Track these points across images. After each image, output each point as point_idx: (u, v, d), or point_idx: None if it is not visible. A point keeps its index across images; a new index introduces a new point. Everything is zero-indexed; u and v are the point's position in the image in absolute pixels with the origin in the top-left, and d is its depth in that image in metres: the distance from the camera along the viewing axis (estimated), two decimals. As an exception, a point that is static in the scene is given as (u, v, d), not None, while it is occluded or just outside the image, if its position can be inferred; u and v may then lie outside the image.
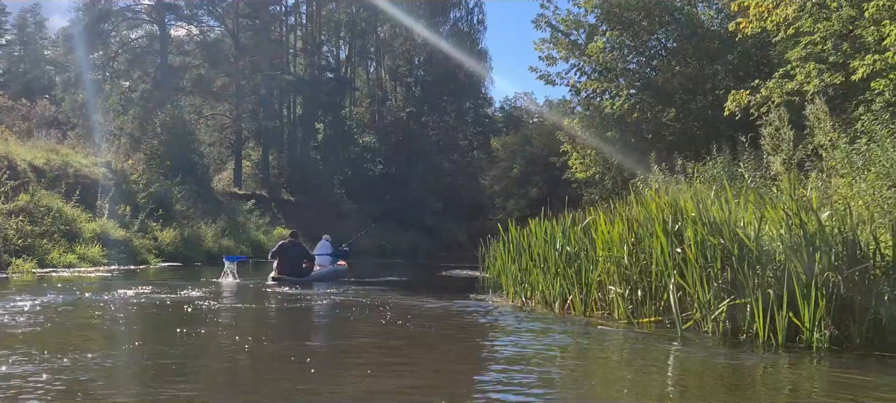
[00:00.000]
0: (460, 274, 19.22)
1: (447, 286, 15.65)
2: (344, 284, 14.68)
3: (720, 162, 14.26)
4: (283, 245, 14.48)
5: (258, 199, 37.78)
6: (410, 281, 16.66)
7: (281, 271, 13.88)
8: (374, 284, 14.99)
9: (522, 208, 34.74)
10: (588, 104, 20.42)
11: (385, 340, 6.73)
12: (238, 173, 43.12)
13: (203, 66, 42.46)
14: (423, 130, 54.68)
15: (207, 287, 12.57)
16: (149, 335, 6.86)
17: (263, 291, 12.33)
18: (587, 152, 19.42)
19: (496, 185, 37.00)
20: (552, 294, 9.02)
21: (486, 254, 18.35)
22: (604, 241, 8.12)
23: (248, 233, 29.18)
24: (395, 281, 16.70)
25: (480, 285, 14.94)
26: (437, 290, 13.75)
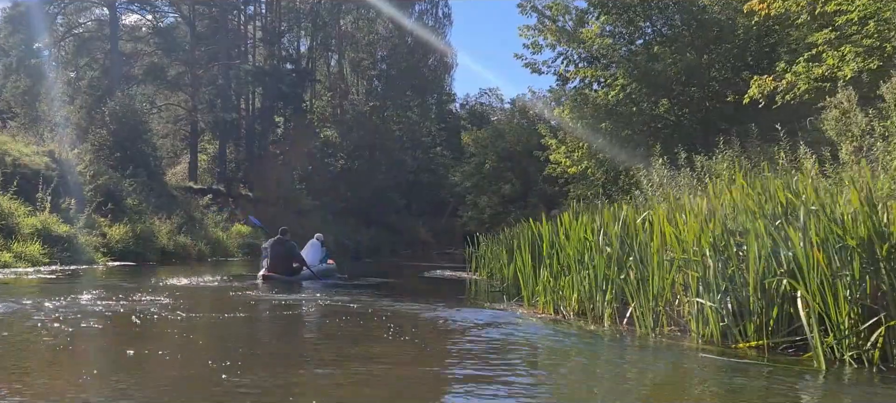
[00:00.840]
0: (444, 274, 17.51)
1: (441, 290, 13.95)
2: (332, 287, 12.95)
3: (729, 154, 12.97)
4: (273, 243, 13.72)
5: (215, 194, 35.53)
6: (397, 284, 14.96)
7: (271, 270, 13.14)
8: (360, 287, 13.26)
9: (495, 205, 33.21)
10: (578, 94, 18.93)
11: (416, 369, 5.02)
12: (193, 167, 40.72)
13: (156, 53, 39.93)
14: (385, 125, 52.78)
15: (164, 291, 10.69)
16: (98, 358, 5.08)
17: (239, 296, 10.48)
18: (578, 145, 17.94)
19: (467, 181, 35.33)
20: (599, 305, 7.38)
21: (473, 254, 16.73)
22: (671, 240, 6.50)
23: (206, 230, 27.04)
24: (381, 282, 14.93)
25: (476, 289, 13.24)
26: (435, 295, 12.05)
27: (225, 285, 12.87)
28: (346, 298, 10.33)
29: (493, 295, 11.26)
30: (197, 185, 38.12)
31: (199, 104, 40.31)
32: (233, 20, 45.22)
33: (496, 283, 13.64)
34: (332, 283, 14.16)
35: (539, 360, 5.82)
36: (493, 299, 10.95)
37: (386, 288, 13.30)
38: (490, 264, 14.95)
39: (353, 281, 14.74)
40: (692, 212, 6.44)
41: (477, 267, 16.45)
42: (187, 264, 21.50)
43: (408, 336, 6.58)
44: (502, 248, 14.48)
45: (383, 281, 15.14)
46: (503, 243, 14.75)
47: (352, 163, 50.57)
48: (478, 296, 11.83)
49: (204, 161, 44.09)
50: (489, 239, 15.78)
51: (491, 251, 15.21)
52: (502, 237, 15.53)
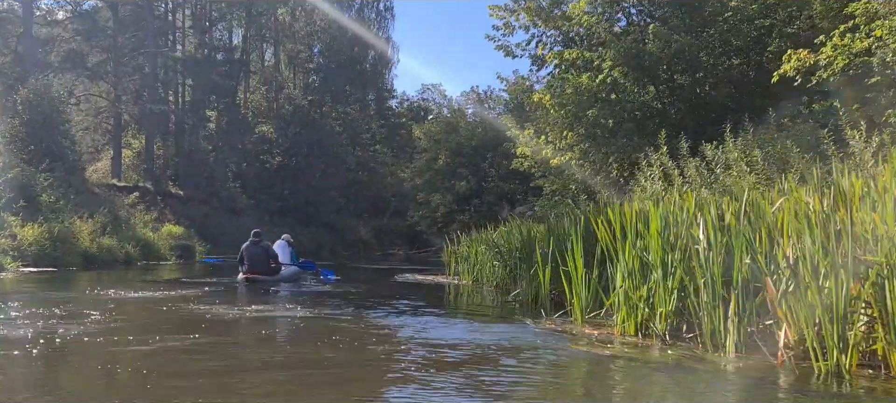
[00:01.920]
0: (416, 278, 15.32)
1: (430, 298, 11.73)
2: (306, 295, 10.84)
3: (740, 143, 11.40)
4: (248, 245, 13.63)
5: (142, 192, 32.46)
6: (372, 290, 12.73)
7: (250, 271, 13.17)
8: (335, 295, 11.06)
9: (449, 203, 31.12)
10: (557, 79, 17.01)
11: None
12: (117, 163, 37.30)
13: (75, 39, 36.37)
14: (324, 121, 50.12)
15: (89, 303, 8.28)
16: None
17: (186, 311, 8.14)
18: (561, 134, 16.04)
19: (418, 178, 33.06)
20: (717, 325, 5.34)
21: (453, 254, 14.66)
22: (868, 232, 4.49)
23: (134, 231, 24.12)
24: (353, 290, 12.64)
25: (469, 299, 11.15)
26: (424, 305, 9.87)
27: (163, 294, 10.47)
28: (328, 310, 8.13)
29: (507, 307, 9.24)
30: (121, 182, 34.89)
31: (123, 95, 36.91)
32: (159, 7, 41.84)
33: (491, 290, 11.62)
34: (307, 290, 13.06)
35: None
36: (506, 312, 8.90)
37: (365, 296, 11.12)
38: (479, 267, 12.89)
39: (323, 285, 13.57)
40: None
41: (458, 271, 14.39)
42: (114, 269, 18.74)
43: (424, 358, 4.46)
44: (485, 248, 12.49)
45: (356, 290, 12.88)
46: (487, 242, 12.74)
47: (289, 160, 47.77)
48: (481, 309, 9.75)
49: (129, 157, 40.59)
50: (472, 240, 13.71)
51: (476, 252, 13.15)
52: (485, 236, 13.46)
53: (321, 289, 12.54)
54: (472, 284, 12.91)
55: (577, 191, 16.99)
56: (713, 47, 16.23)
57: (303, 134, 48.25)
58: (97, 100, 39.14)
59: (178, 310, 8.32)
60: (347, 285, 13.68)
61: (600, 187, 16.18)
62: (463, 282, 13.44)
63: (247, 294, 11.65)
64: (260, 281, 12.89)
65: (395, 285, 13.69)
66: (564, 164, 16.54)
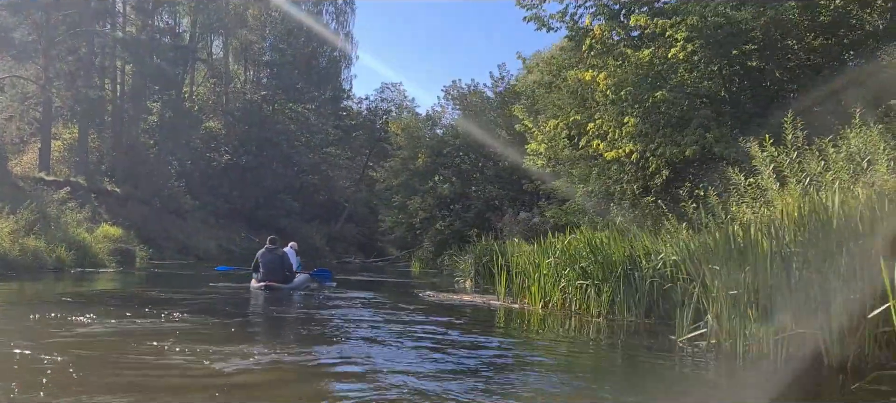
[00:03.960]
0: (449, 298, 11.76)
1: (488, 323, 8.24)
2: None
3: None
4: (263, 252, 12.88)
5: (74, 188, 27.92)
6: (427, 315, 9.23)
7: (265, 279, 12.43)
8: (372, 305, 7.65)
9: (430, 208, 27.60)
10: (613, 56, 13.68)
11: None
12: (46, 154, 32.48)
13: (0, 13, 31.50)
14: (276, 118, 46.01)
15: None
16: None
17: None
18: (622, 123, 12.80)
19: (394, 179, 29.41)
20: None
21: (501, 269, 11.24)
22: None
23: (66, 231, 19.88)
24: (378, 301, 9.20)
25: (588, 334, 7.76)
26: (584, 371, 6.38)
27: (118, 328, 6.83)
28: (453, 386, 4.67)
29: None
30: (50, 176, 30.24)
31: (55, 78, 32.19)
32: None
33: (591, 320, 8.29)
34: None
35: None
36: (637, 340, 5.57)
37: (403, 311, 7.66)
38: (553, 286, 9.46)
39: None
40: None
41: (509, 289, 10.96)
42: (41, 278, 14.65)
43: None
44: (563, 263, 9.16)
45: (377, 299, 9.40)
46: (565, 255, 9.41)
47: (238, 159, 43.57)
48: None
49: (59, 148, 35.69)
50: (536, 251, 10.27)
51: (545, 266, 9.73)
52: (560, 246, 9.93)
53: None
54: (541, 309, 9.54)
55: (621, 194, 13.81)
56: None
57: (253, 131, 44.13)
58: (24, 85, 34.21)
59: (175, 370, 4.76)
60: (386, 309, 10.16)
61: (657, 188, 13.07)
62: (525, 306, 10.05)
63: (264, 304, 10.18)
64: (276, 290, 12.19)
65: (441, 308, 10.09)
66: (622, 158, 13.32)
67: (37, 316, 7.27)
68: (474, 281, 16.14)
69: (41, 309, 7.94)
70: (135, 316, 7.66)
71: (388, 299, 11.80)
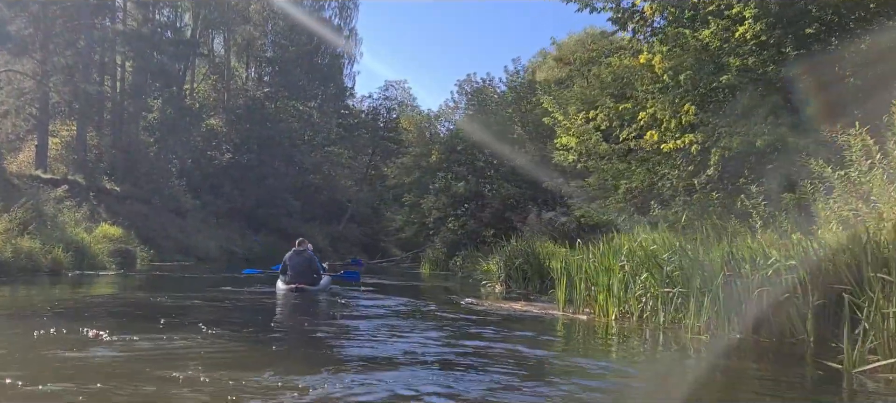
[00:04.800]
0: (499, 308, 10.34)
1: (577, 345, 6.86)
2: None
3: None
4: (292, 254, 12.55)
5: (72, 186, 26.47)
6: (448, 314, 7.91)
7: (295, 281, 12.01)
8: (415, 315, 6.36)
9: (444, 206, 26.20)
10: (666, 30, 12.22)
11: None
12: (43, 151, 31.02)
13: (-5, 5, 29.98)
14: (278, 116, 44.54)
15: None
16: None
17: None
18: (683, 111, 11.40)
19: (406, 177, 27.94)
20: None
21: (562, 274, 9.88)
22: None
23: (63, 231, 18.48)
24: (419, 309, 7.86)
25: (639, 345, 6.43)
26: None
27: (131, 348, 5.50)
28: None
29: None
30: (47, 174, 28.79)
31: (52, 73, 30.70)
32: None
33: (680, 335, 6.94)
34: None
35: None
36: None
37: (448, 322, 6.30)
38: (628, 296, 8.10)
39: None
40: None
41: (570, 298, 9.58)
42: (36, 280, 13.27)
43: None
44: (642, 269, 7.82)
45: (407, 305, 8.06)
46: (648, 260, 8.06)
47: (240, 158, 42.10)
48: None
49: (57, 146, 34.18)
50: (605, 253, 8.86)
51: (621, 273, 8.35)
52: (642, 249, 8.56)
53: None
54: (614, 321, 8.19)
55: (673, 190, 12.47)
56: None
57: (254, 129, 42.68)
58: (20, 80, 32.69)
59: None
60: (435, 321, 8.80)
61: (713, 182, 11.73)
62: (591, 317, 8.70)
63: (294, 314, 9.26)
64: (307, 292, 11.83)
65: (500, 320, 8.68)
66: (672, 152, 11.97)
67: (36, 333, 5.91)
68: (506, 285, 14.77)
69: (38, 322, 6.61)
70: (148, 332, 6.30)
71: (430, 307, 10.42)
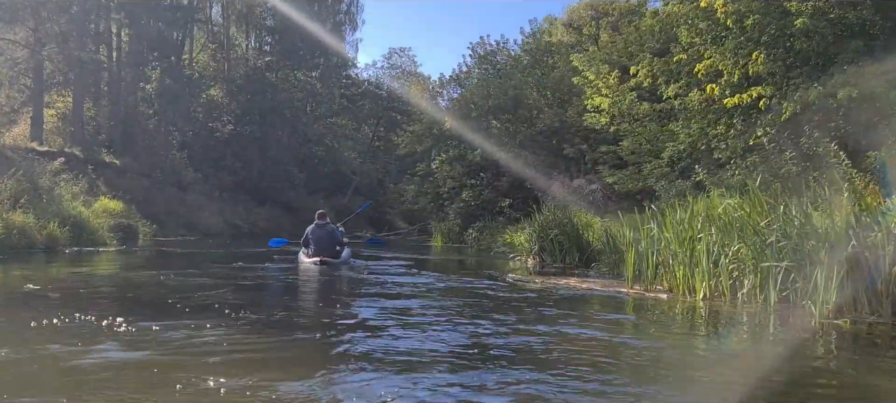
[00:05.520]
0: (556, 286, 9.02)
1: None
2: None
3: None
4: (313, 228, 12.18)
5: (69, 160, 25.13)
6: (500, 293, 6.70)
7: (318, 254, 11.61)
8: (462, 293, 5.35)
9: (459, 175, 24.85)
10: None
11: None
12: (38, 123, 29.70)
13: (-17, -31, 28.44)
14: (281, 86, 43.02)
15: None
16: None
17: None
18: (753, 59, 10.00)
19: (418, 145, 26.51)
20: None
21: (630, 246, 8.64)
22: None
23: (60, 205, 17.21)
24: (464, 287, 6.65)
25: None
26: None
27: (147, 341, 4.29)
28: None
29: None
30: (42, 147, 27.50)
31: (45, 40, 29.24)
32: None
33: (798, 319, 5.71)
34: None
35: None
36: None
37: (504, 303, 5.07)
38: (716, 269, 6.84)
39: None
40: None
41: (638, 272, 8.31)
42: (29, 259, 12.04)
43: None
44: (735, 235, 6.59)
45: (457, 283, 6.82)
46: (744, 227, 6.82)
47: (242, 129, 40.65)
48: None
49: (53, 118, 32.81)
50: (685, 220, 7.57)
51: (711, 246, 7.09)
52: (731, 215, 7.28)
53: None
54: (702, 300, 6.96)
55: (731, 151, 11.18)
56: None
57: (256, 100, 41.18)
58: (13, 50, 31.22)
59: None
60: (489, 301, 7.58)
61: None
62: (668, 295, 7.47)
63: (325, 293, 8.31)
64: (330, 264, 11.45)
65: (562, 301, 7.42)
66: (729, 108, 10.66)
67: (33, 324, 4.72)
68: (539, 258, 13.55)
69: (36, 309, 5.42)
70: (169, 320, 5.10)
71: (472, 284, 9.16)
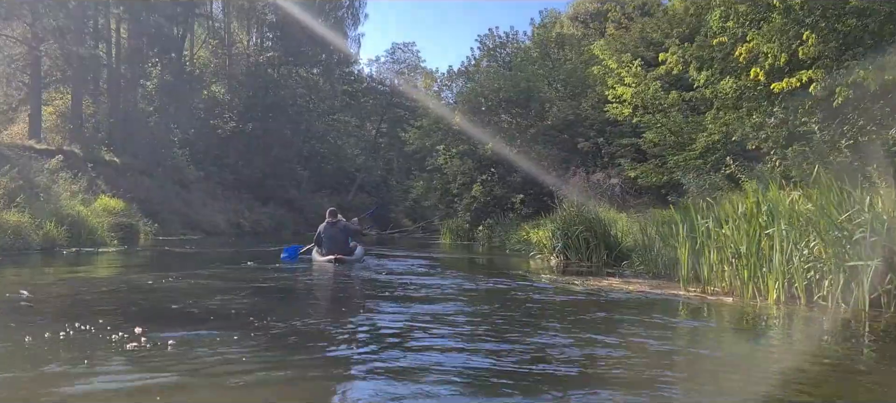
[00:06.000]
0: (600, 287, 8.26)
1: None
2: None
3: None
4: (326, 226, 11.91)
5: (68, 158, 24.36)
6: (548, 296, 5.96)
7: (331, 252, 11.33)
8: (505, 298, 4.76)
9: (470, 171, 24.04)
10: None
11: None
12: (36, 121, 28.91)
13: (-21, -36, 27.64)
14: (283, 82, 42.25)
15: None
16: None
17: None
18: (804, 39, 9.22)
19: (426, 139, 25.60)
20: None
21: (683, 243, 7.89)
22: None
23: (57, 203, 16.45)
24: (502, 289, 5.92)
25: None
26: None
27: (164, 366, 3.53)
28: None
29: None
30: (41, 145, 26.71)
31: (43, 36, 28.44)
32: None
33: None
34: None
35: None
36: None
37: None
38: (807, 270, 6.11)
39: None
40: None
41: (712, 278, 7.50)
42: (25, 260, 11.28)
43: None
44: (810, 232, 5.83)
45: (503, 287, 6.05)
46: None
47: (244, 127, 39.90)
48: None
49: (51, 115, 32.01)
50: (743, 215, 6.83)
51: (783, 243, 6.36)
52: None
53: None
54: (774, 303, 6.21)
55: (774, 142, 10.43)
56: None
57: (258, 97, 40.42)
58: (11, 47, 30.43)
59: None
60: (541, 306, 6.83)
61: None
62: (730, 298, 6.72)
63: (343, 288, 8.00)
64: (344, 262, 11.18)
65: (616, 306, 6.63)
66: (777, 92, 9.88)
67: (26, 340, 3.98)
68: (563, 256, 12.79)
69: (30, 319, 4.67)
70: (191, 330, 4.36)
71: (503, 286, 8.37)
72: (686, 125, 14.26)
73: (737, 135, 11.14)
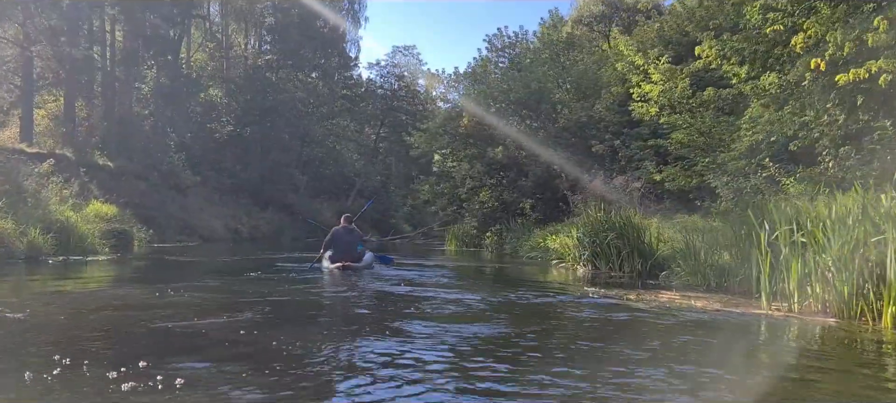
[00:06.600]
0: (659, 304, 7.23)
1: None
2: None
3: None
4: (336, 231, 11.93)
5: (61, 162, 23.32)
6: (597, 315, 4.95)
7: (341, 259, 11.31)
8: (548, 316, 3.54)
9: (480, 175, 22.97)
10: None
11: None
12: (28, 124, 27.85)
13: (-31, -38, 26.60)
14: (281, 86, 41.23)
15: None
16: None
17: None
18: (874, 26, 8.28)
19: (434, 142, 24.54)
20: None
21: (765, 254, 6.85)
22: None
23: (45, 208, 15.38)
24: (543, 303, 4.93)
25: None
26: None
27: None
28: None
29: None
30: (32, 149, 25.63)
31: (35, 37, 27.40)
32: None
33: None
34: None
35: None
36: None
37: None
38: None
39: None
40: None
41: (802, 294, 6.48)
42: (8, 271, 10.22)
43: None
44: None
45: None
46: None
47: (241, 131, 38.84)
48: None
49: (44, 118, 30.91)
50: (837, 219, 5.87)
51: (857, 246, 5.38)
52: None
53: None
54: (891, 327, 5.20)
55: (831, 140, 9.46)
56: None
57: (256, 100, 39.38)
58: (2, 47, 29.37)
59: None
60: (598, 327, 5.83)
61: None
62: (826, 318, 5.72)
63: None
64: (351, 269, 11.12)
65: (687, 327, 5.65)
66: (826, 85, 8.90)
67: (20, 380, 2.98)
68: (592, 265, 11.81)
69: (10, 348, 3.66)
70: (180, 359, 3.33)
71: (551, 304, 7.35)
72: (716, 125, 13.31)
73: (779, 134, 10.17)
